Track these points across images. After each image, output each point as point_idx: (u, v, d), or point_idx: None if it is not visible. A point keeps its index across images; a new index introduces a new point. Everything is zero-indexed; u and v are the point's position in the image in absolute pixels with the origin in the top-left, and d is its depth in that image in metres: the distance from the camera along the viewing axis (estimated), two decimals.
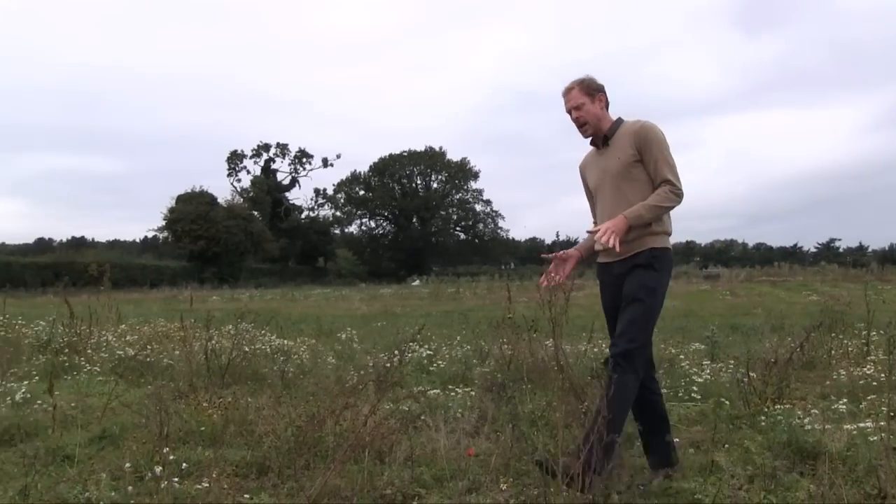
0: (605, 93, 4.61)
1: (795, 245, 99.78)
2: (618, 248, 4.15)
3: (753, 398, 6.24)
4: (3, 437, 5.66)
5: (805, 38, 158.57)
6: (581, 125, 4.57)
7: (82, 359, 9.34)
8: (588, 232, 4.45)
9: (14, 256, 63.29)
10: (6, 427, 5.77)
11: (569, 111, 4.58)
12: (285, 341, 10.44)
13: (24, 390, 6.90)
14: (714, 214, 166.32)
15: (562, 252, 4.62)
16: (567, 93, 4.58)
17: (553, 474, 3.80)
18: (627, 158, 4.41)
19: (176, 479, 4.31)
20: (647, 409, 4.54)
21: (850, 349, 8.70)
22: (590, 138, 4.63)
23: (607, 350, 4.48)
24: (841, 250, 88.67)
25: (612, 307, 4.55)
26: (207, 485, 4.10)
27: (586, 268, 5.79)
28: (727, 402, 6.29)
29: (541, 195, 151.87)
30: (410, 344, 7.84)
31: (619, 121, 4.61)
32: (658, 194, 4.34)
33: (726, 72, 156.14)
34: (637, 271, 4.37)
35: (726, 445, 5.19)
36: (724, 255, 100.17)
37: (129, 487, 4.21)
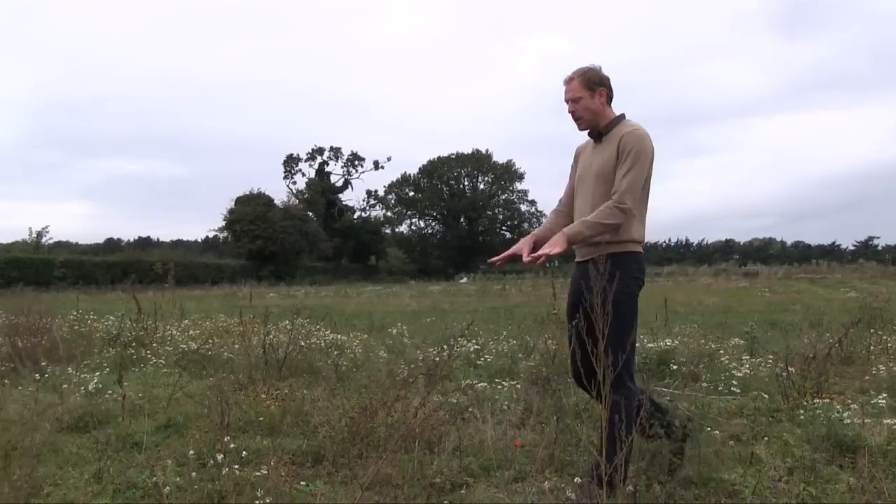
0: (607, 87, 4.34)
1: (834, 243, 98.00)
2: (545, 258, 4.07)
3: (792, 392, 6.15)
4: (78, 424, 5.76)
5: (844, 42, 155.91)
6: (576, 119, 4.36)
7: (149, 352, 9.45)
8: (525, 261, 4.23)
9: (86, 255, 64.44)
10: (80, 415, 5.88)
11: (566, 102, 4.35)
12: (339, 336, 10.47)
13: (96, 381, 7.02)
14: (753, 213, 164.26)
15: (513, 249, 4.39)
16: (567, 83, 4.34)
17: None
18: (610, 163, 4.22)
19: (236, 466, 4.36)
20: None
21: (889, 345, 8.53)
22: (586, 131, 4.42)
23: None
24: (879, 248, 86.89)
25: (572, 308, 4.38)
26: (266, 472, 4.14)
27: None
28: (766, 396, 6.21)
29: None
30: (459, 339, 7.85)
31: (620, 118, 4.37)
32: (602, 210, 4.13)
33: (767, 74, 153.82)
34: (599, 283, 4.01)
35: (766, 438, 5.13)
36: (763, 252, 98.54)
37: (193, 473, 4.27)
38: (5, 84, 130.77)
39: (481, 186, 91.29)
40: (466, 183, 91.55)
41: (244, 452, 4.64)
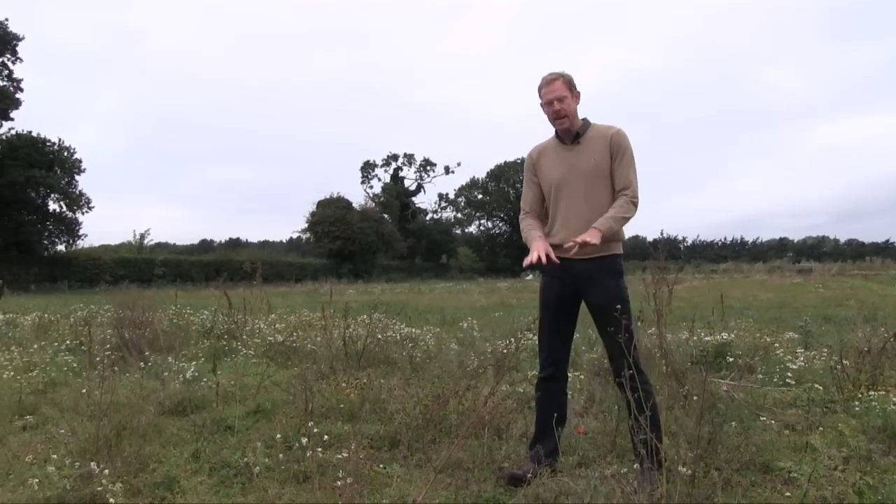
0: (578, 90, 4.33)
1: (887, 241, 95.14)
2: (580, 247, 3.89)
3: (847, 384, 5.99)
4: (177, 408, 5.91)
5: (892, 46, 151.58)
6: (560, 117, 4.22)
7: (239, 343, 9.61)
8: (566, 247, 3.99)
9: (183, 255, 65.88)
10: (179, 400, 6.02)
11: (550, 102, 4.21)
12: (413, 330, 10.52)
13: (193, 369, 7.18)
14: (806, 212, 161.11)
15: (537, 252, 4.13)
16: (550, 83, 4.24)
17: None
18: (601, 162, 4.16)
19: (319, 449, 4.42)
20: (558, 403, 4.28)
21: None
22: (555, 130, 4.32)
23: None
24: None
25: (559, 304, 4.32)
26: (346, 455, 4.19)
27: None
28: (821, 388, 6.06)
29: (643, 196, 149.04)
30: (525, 332, 7.81)
31: (587, 121, 4.33)
32: (620, 205, 4.08)
33: (818, 79, 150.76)
34: (609, 281, 4.13)
35: (820, 428, 5.01)
36: (817, 250, 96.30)
37: (280, 455, 4.35)
38: (111, 100, 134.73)
39: None
40: None
41: (326, 436, 4.70)
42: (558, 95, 4.19)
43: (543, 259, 4.04)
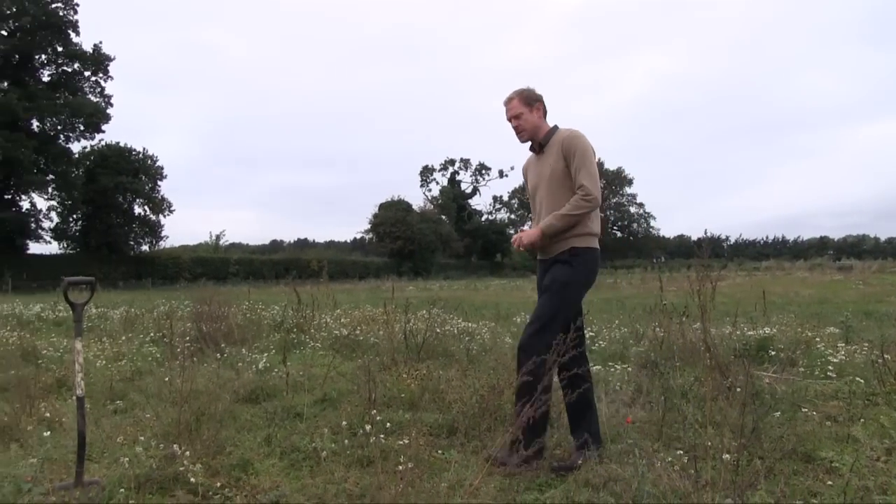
0: (542, 102, 4.39)
1: None
2: (520, 249, 4.25)
3: (888, 378, 5.81)
4: (251, 396, 5.99)
5: None
6: (519, 132, 4.38)
7: (307, 336, 9.72)
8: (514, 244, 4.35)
9: (255, 255, 66.85)
10: (252, 389, 6.11)
11: (509, 119, 4.38)
12: (470, 324, 10.53)
13: (264, 360, 7.29)
14: (847, 212, 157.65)
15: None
16: (508, 102, 4.38)
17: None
18: (557, 166, 4.22)
19: (382, 436, 4.45)
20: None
21: None
22: (528, 143, 4.44)
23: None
24: None
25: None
26: (407, 441, 4.21)
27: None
28: (862, 381, 5.89)
29: (688, 197, 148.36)
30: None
31: (555, 128, 4.38)
32: (571, 202, 4.14)
33: (858, 82, 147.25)
34: (555, 266, 4.21)
35: (862, 420, 4.88)
36: (857, 248, 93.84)
37: (346, 440, 4.40)
38: (189, 112, 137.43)
39: None
40: None
41: (388, 424, 4.73)
42: (514, 113, 4.34)
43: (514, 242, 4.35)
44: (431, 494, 3.29)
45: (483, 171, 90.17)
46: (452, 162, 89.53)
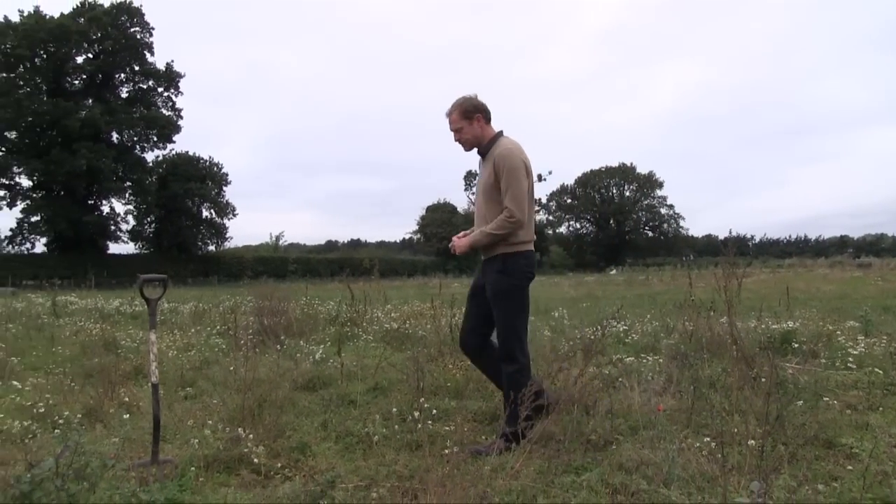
0: (482, 111, 4.24)
1: None
2: (456, 252, 4.31)
3: None
4: (308, 384, 6.05)
5: None
6: (461, 144, 4.30)
7: (360, 330, 9.77)
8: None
9: (311, 254, 67.58)
10: (310, 378, 6.17)
11: (451, 132, 4.29)
12: None
13: (321, 352, 7.35)
14: (866, 212, 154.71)
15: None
16: (448, 116, 4.28)
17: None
18: (490, 181, 4.12)
19: (430, 422, 4.48)
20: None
21: None
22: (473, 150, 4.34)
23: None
24: None
25: (473, 293, 4.43)
26: (453, 427, 4.23)
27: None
28: (881, 372, 5.74)
29: (715, 199, 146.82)
30: (610, 321, 7.71)
31: (498, 136, 4.26)
32: (496, 222, 4.08)
33: (877, 87, 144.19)
34: (493, 277, 4.16)
35: (881, 408, 4.78)
36: (876, 246, 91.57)
37: (396, 426, 4.43)
38: (251, 122, 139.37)
39: (627, 194, 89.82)
40: (614, 191, 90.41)
41: (435, 411, 4.74)
42: (454, 127, 4.25)
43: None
44: (475, 476, 3.29)
45: None
46: None
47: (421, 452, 3.84)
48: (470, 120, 4.21)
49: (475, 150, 4.37)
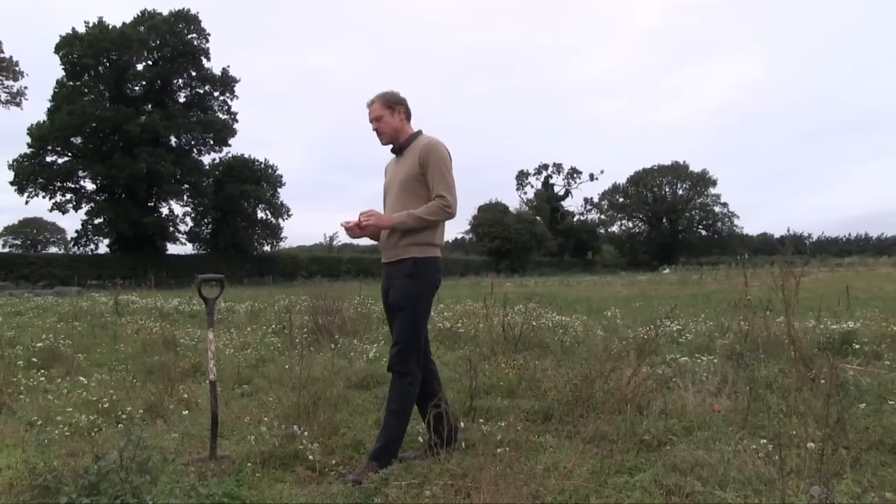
0: (405, 106, 4.07)
1: None
2: (357, 229, 3.91)
3: None
4: (362, 383, 6.11)
5: None
6: (379, 134, 4.09)
7: None
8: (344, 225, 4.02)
9: (365, 254, 67.99)
10: (363, 376, 6.23)
11: (370, 122, 4.08)
12: (563, 317, 10.45)
13: (374, 350, 7.41)
14: None
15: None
16: (369, 105, 4.09)
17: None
18: (413, 173, 3.91)
19: (482, 420, 4.49)
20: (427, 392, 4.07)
21: None
22: (389, 146, 4.13)
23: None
24: None
25: (385, 304, 4.19)
26: (505, 426, 4.23)
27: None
28: None
29: (770, 196, 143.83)
30: (663, 320, 7.61)
31: (418, 134, 4.08)
32: (428, 206, 3.86)
33: None
34: (401, 281, 3.91)
35: None
36: None
37: None
38: (302, 125, 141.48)
39: (680, 192, 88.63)
40: (667, 189, 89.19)
41: (488, 410, 4.75)
42: (374, 115, 4.06)
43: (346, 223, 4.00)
44: (528, 475, 3.29)
45: (575, 175, 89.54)
46: (546, 166, 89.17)
47: (474, 451, 3.84)
48: (391, 110, 4.04)
49: (389, 147, 4.20)
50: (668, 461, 3.67)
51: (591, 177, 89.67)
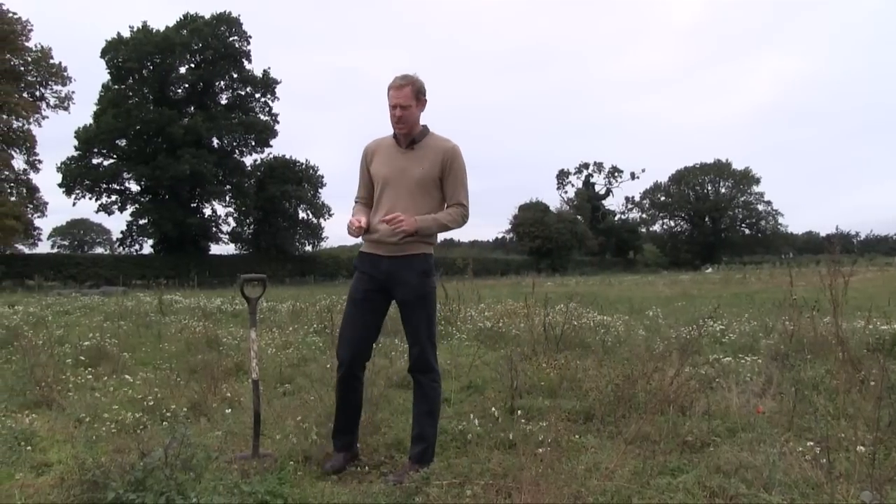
0: (426, 97, 3.87)
1: None
2: (393, 239, 3.69)
3: None
4: (403, 382, 6.11)
5: None
6: (400, 123, 3.79)
7: (454, 328, 9.83)
8: (382, 221, 3.72)
9: None
10: (404, 376, 6.20)
11: (394, 106, 3.76)
12: (604, 317, 10.37)
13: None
14: None
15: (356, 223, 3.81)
16: (399, 88, 3.76)
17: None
18: (431, 173, 3.78)
19: (523, 420, 4.49)
20: (356, 396, 4.04)
21: None
22: (395, 132, 3.88)
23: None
24: None
25: (367, 299, 3.94)
26: (546, 426, 4.22)
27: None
28: None
29: (816, 194, 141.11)
30: (706, 320, 7.52)
31: (426, 129, 3.90)
32: (451, 213, 3.80)
33: None
34: (414, 278, 3.78)
35: None
36: None
37: (490, 424, 4.45)
38: (340, 125, 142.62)
39: (722, 190, 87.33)
40: (710, 188, 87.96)
41: (529, 410, 4.74)
42: (403, 103, 3.75)
43: (362, 225, 3.82)
44: (569, 476, 3.28)
45: (616, 174, 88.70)
46: (587, 165, 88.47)
47: (515, 451, 3.84)
48: (419, 101, 3.84)
49: (386, 137, 4.02)
50: (712, 463, 3.63)
51: (633, 176, 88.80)
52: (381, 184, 3.90)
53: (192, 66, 53.97)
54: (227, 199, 56.29)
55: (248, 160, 57.60)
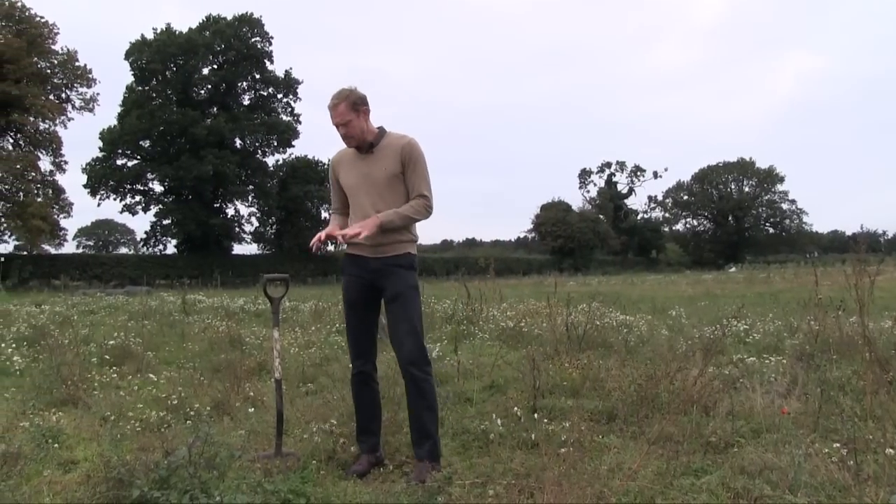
0: (367, 104, 3.91)
1: None
2: (359, 239, 3.70)
3: None
4: None
5: None
6: (347, 139, 3.92)
7: (476, 328, 9.83)
8: (342, 238, 3.81)
9: (426, 253, 68.46)
10: None
11: (336, 126, 3.89)
12: (627, 317, 10.33)
13: (437, 350, 7.43)
14: None
15: (326, 231, 3.96)
16: (334, 108, 3.86)
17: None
18: (393, 170, 3.84)
19: (546, 420, 4.48)
20: (374, 396, 4.15)
21: None
22: (354, 147, 3.97)
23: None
24: None
25: (361, 299, 4.04)
26: (569, 426, 4.21)
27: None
28: None
29: (842, 192, 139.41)
30: (730, 320, 7.46)
31: (383, 130, 3.96)
32: (412, 205, 3.83)
33: None
34: (401, 272, 3.86)
35: None
36: None
37: (512, 424, 4.45)
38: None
39: (746, 189, 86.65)
40: (733, 187, 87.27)
41: (552, 410, 4.73)
42: (341, 120, 3.85)
43: (321, 237, 3.92)
44: (592, 476, 3.27)
45: (638, 173, 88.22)
46: (609, 164, 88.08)
47: (537, 451, 3.84)
48: (357, 112, 3.88)
49: (349, 147, 4.06)
50: (736, 463, 3.60)
51: (655, 175, 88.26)
52: (351, 192, 4.03)
53: (215, 67, 54.41)
54: (250, 199, 56.73)
55: (271, 160, 58.05)
